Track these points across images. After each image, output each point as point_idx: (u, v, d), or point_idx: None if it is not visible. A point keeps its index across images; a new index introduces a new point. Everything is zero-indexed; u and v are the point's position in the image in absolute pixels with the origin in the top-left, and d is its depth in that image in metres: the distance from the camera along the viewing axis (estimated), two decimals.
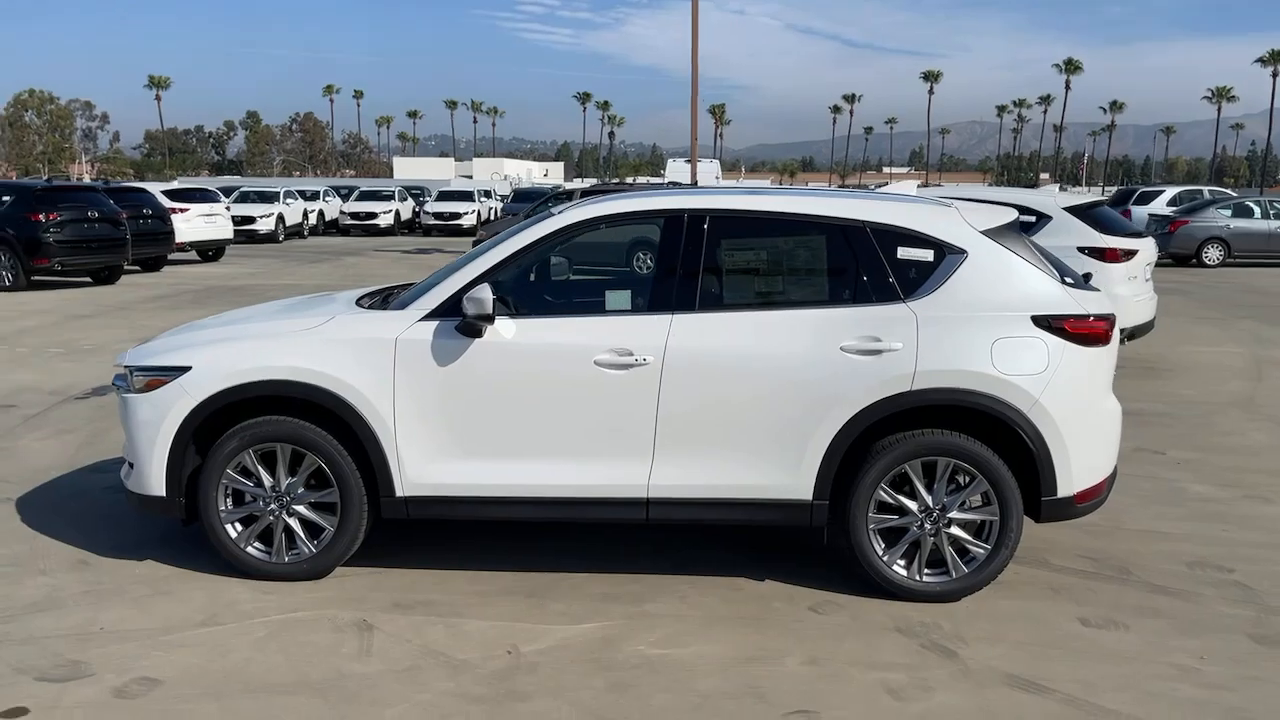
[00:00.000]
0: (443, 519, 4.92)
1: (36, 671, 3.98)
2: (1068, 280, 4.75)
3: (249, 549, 4.86)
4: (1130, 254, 9.84)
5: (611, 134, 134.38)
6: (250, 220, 29.50)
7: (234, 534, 4.86)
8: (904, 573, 4.69)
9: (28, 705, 3.73)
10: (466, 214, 35.16)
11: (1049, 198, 10.43)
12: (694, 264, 4.71)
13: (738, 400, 4.60)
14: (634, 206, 4.94)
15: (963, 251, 4.67)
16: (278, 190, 33.26)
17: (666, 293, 4.73)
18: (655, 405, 4.60)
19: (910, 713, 3.76)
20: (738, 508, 4.67)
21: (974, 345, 4.54)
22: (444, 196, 37.84)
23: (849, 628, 4.44)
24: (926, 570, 4.70)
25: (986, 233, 4.71)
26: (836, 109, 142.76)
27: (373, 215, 33.84)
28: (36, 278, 17.63)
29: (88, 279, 18.62)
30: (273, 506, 4.82)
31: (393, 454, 4.70)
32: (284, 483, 4.80)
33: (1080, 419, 4.61)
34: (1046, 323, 4.58)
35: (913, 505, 4.66)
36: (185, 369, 4.79)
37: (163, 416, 4.77)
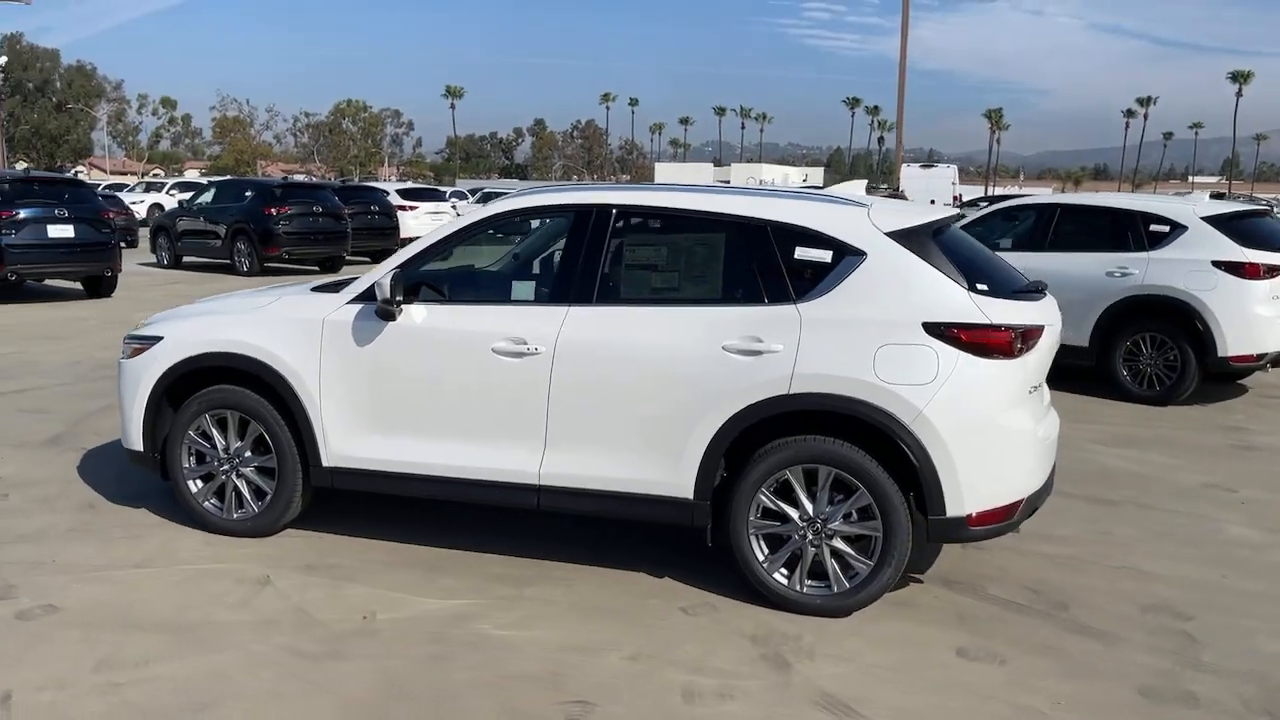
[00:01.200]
0: (365, 491, 5.22)
1: None
2: (979, 287, 4.44)
3: (206, 504, 5.38)
4: (1274, 270, 8.81)
5: (881, 139, 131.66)
6: None
7: (194, 489, 5.39)
8: (785, 582, 4.56)
9: None
10: None
11: (1188, 206, 9.50)
12: (596, 258, 4.78)
13: (623, 394, 4.63)
14: (547, 201, 5.06)
15: (861, 253, 4.48)
16: (500, 191, 35.08)
17: (567, 285, 4.82)
18: (547, 395, 4.71)
19: (687, 717, 3.70)
20: (624, 501, 4.69)
21: (856, 351, 4.36)
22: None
23: (703, 630, 4.38)
24: (809, 581, 4.55)
25: (893, 234, 4.49)
26: (1130, 113, 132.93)
27: None
28: (268, 264, 19.63)
29: (315, 267, 20.47)
30: (225, 467, 5.32)
31: (318, 426, 5.07)
32: (233, 446, 5.28)
33: (974, 436, 4.31)
34: (938, 330, 4.32)
35: (794, 513, 4.52)
36: (159, 339, 5.37)
37: (139, 380, 5.37)
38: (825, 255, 4.52)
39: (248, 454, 5.28)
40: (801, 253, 4.54)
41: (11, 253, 14.17)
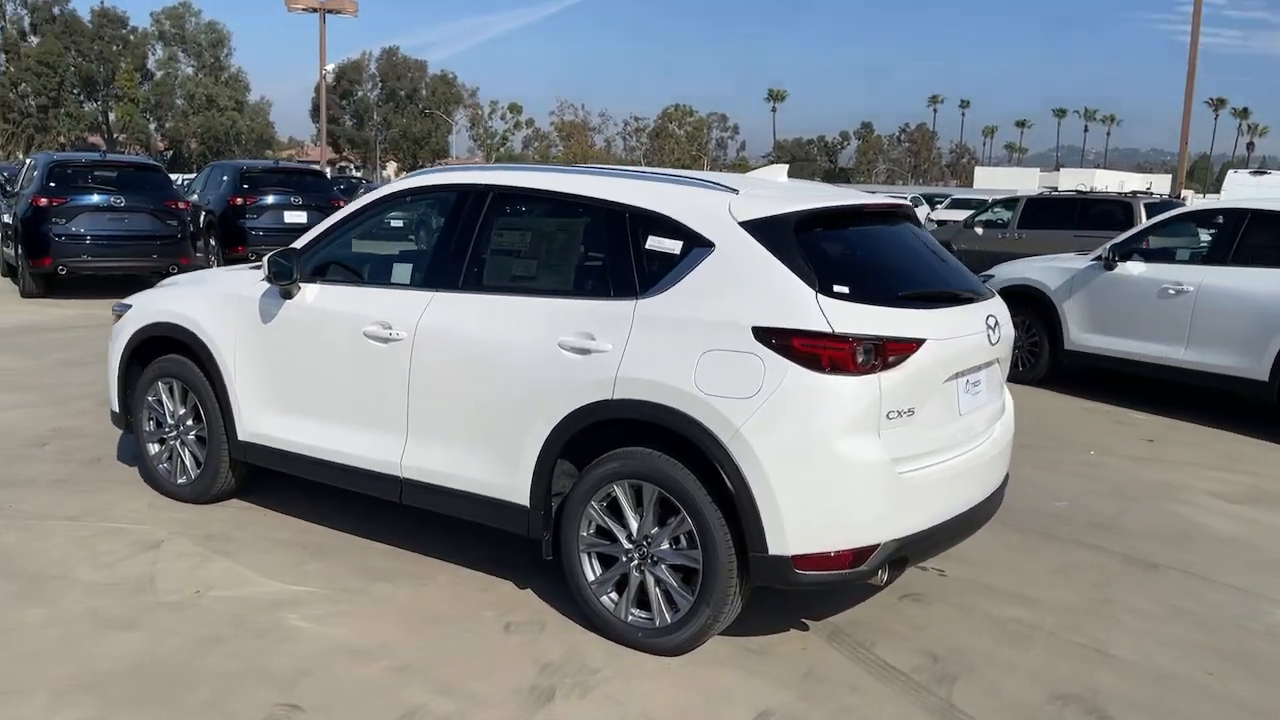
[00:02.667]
0: (268, 469, 5.24)
1: None
2: (837, 289, 3.74)
3: (160, 466, 5.62)
4: None
5: (1250, 144, 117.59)
6: None
7: (152, 452, 5.65)
8: (611, 607, 4.09)
9: None
10: None
11: None
12: (465, 241, 4.52)
13: (470, 387, 4.35)
14: (432, 180, 4.82)
15: (709, 245, 3.93)
16: None
17: (437, 269, 4.59)
18: (407, 383, 4.52)
19: None
20: (472, 503, 4.40)
21: (679, 355, 3.82)
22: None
23: (502, 650, 4.01)
24: (635, 611, 4.05)
25: (747, 224, 3.90)
26: None
27: None
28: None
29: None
30: (173, 433, 5.53)
31: (234, 399, 5.15)
32: (178, 414, 5.48)
33: (801, 463, 3.65)
34: (767, 336, 3.70)
35: (622, 533, 4.05)
36: (129, 307, 5.68)
37: (113, 345, 5.70)
38: (675, 246, 4.00)
39: (189, 422, 5.46)
40: (653, 242, 4.05)
41: (59, 245, 12.78)
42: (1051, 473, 6.78)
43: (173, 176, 17.51)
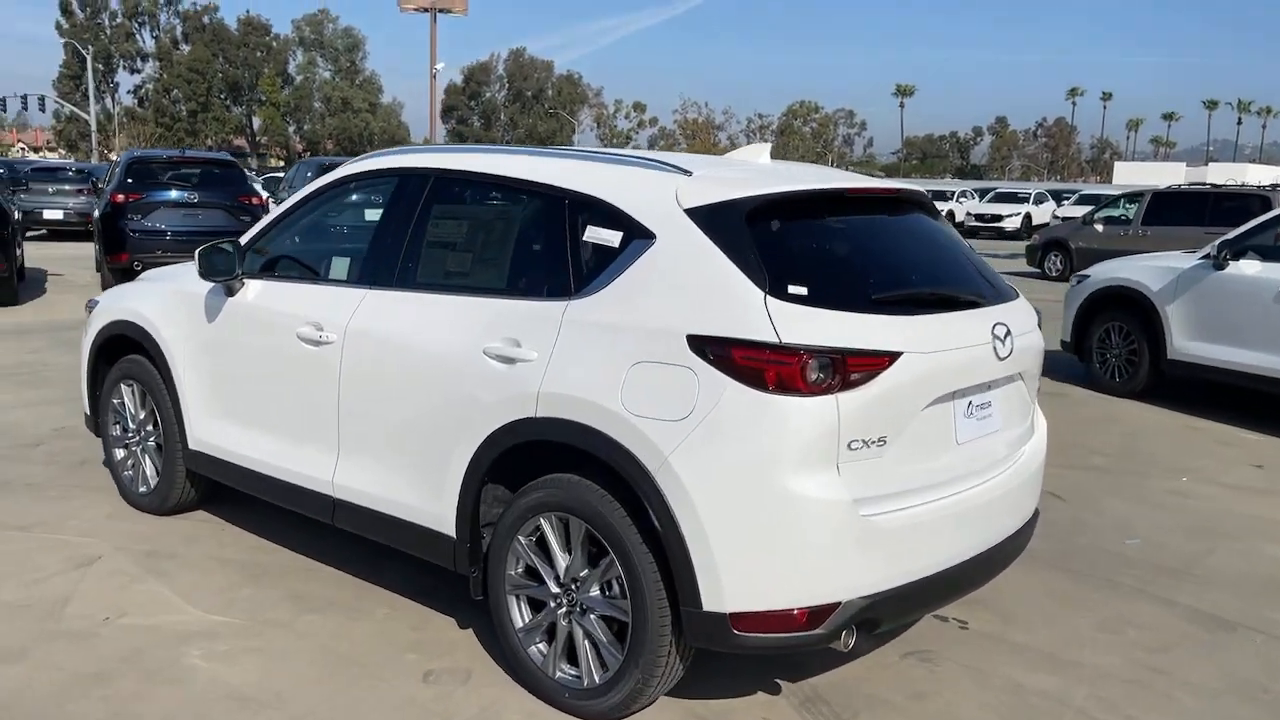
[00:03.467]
0: (216, 481, 4.81)
1: None
2: (794, 290, 3.06)
3: (124, 474, 5.27)
4: None
5: None
6: None
7: (117, 459, 5.31)
8: (539, 660, 3.50)
9: None
10: (1010, 216, 31.91)
11: None
12: (402, 232, 3.98)
13: (397, 398, 3.82)
14: (373, 165, 4.28)
15: (650, 236, 3.29)
16: None
17: (373, 264, 4.08)
18: (337, 391, 4.02)
19: None
20: (399, 530, 3.87)
21: (606, 366, 3.20)
22: (997, 198, 35.07)
23: (401, 704, 3.46)
24: (564, 666, 3.45)
25: (695, 211, 3.25)
26: None
27: (998, 218, 32.02)
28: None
29: None
30: (135, 439, 5.17)
31: (184, 404, 4.75)
32: (139, 418, 5.12)
33: (740, 501, 2.99)
34: (704, 347, 3.04)
35: (548, 574, 3.46)
36: (96, 303, 5.35)
37: (83, 343, 5.38)
38: (614, 237, 3.37)
39: (149, 428, 5.09)
40: (591, 233, 3.44)
41: (135, 240, 12.60)
42: (1130, 502, 5.88)
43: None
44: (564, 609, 3.41)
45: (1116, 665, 3.89)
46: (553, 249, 3.54)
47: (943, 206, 34.91)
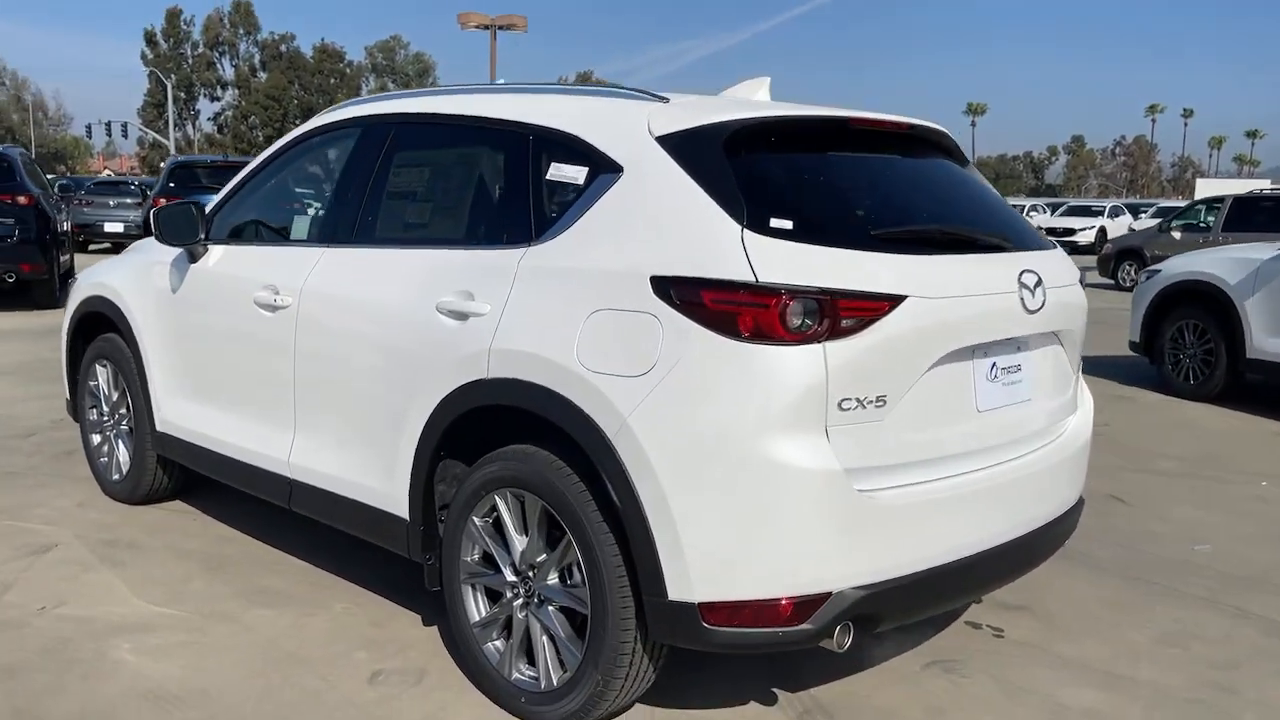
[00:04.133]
0: (185, 470, 4.46)
1: None
2: (777, 224, 2.58)
3: (99, 461, 4.95)
4: None
5: None
6: None
7: (93, 444, 4.99)
8: (495, 659, 3.05)
9: None
10: (1083, 230, 30.65)
11: None
12: (363, 185, 3.60)
13: (348, 363, 3.43)
14: (336, 116, 3.90)
15: (618, 169, 2.85)
16: None
17: (332, 220, 3.70)
18: (293, 359, 3.64)
19: None
20: (353, 512, 3.46)
21: (561, 317, 2.76)
22: (1070, 212, 33.68)
23: (353, 702, 3.03)
24: (522, 666, 3.00)
25: (667, 139, 2.80)
26: None
27: (1071, 231, 30.82)
28: None
29: None
30: (109, 423, 4.86)
31: (151, 382, 4.42)
32: (112, 400, 4.80)
33: (709, 470, 2.52)
34: (669, 289, 2.58)
35: (503, 558, 3.01)
36: (74, 281, 5.06)
37: (64, 323, 5.10)
38: (579, 174, 2.94)
39: (121, 410, 4.76)
40: (555, 171, 3.00)
41: None
42: (1201, 508, 5.25)
43: None
44: (520, 600, 2.96)
45: (1177, 683, 3.32)
46: (513, 193, 3.12)
47: None
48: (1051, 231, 31.64)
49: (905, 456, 2.64)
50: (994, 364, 2.88)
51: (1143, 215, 31.51)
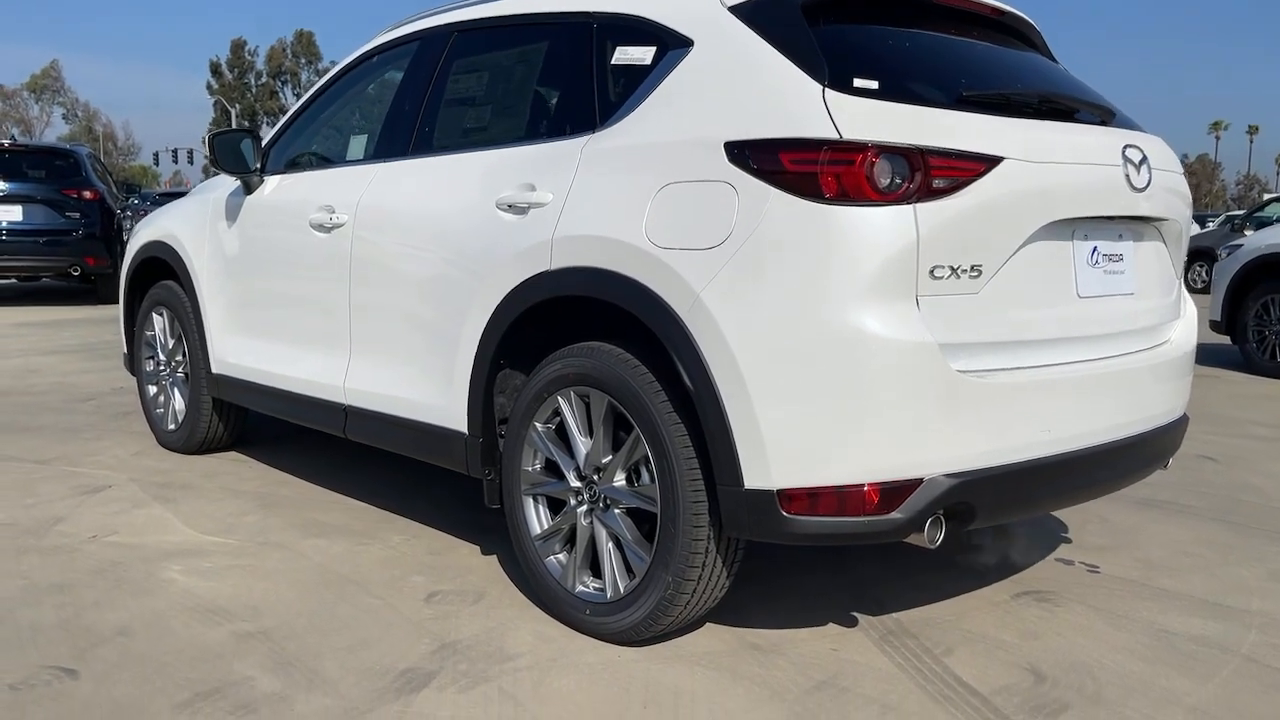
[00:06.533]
0: (244, 416, 4.37)
1: None
2: (861, 84, 2.41)
3: (155, 412, 4.88)
4: None
5: None
6: None
7: (149, 395, 4.93)
8: (558, 571, 2.89)
9: None
10: None
11: None
12: (420, 97, 3.49)
13: (403, 278, 3.31)
14: (395, 35, 3.78)
15: (687, 43, 2.69)
16: None
17: (389, 135, 3.59)
18: (349, 279, 3.53)
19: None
20: (410, 433, 3.32)
21: (628, 195, 2.60)
22: None
23: (408, 619, 2.88)
24: (586, 576, 2.83)
25: (740, 7, 2.63)
26: None
27: None
28: None
29: None
30: (165, 370, 4.79)
31: (207, 323, 4.34)
32: (168, 347, 4.73)
33: (789, 345, 2.33)
34: (745, 153, 2.41)
35: (566, 464, 2.85)
36: (134, 231, 5.02)
37: (122, 274, 5.06)
38: (646, 54, 2.79)
39: (178, 358, 4.69)
40: (620, 54, 2.86)
41: None
42: None
43: None
44: (584, 506, 2.79)
45: None
46: (576, 84, 2.97)
47: None
48: None
49: (1002, 335, 2.44)
50: (1095, 248, 2.67)
51: (1210, 224, 30.68)
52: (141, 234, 4.81)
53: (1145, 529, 3.83)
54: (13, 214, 11.08)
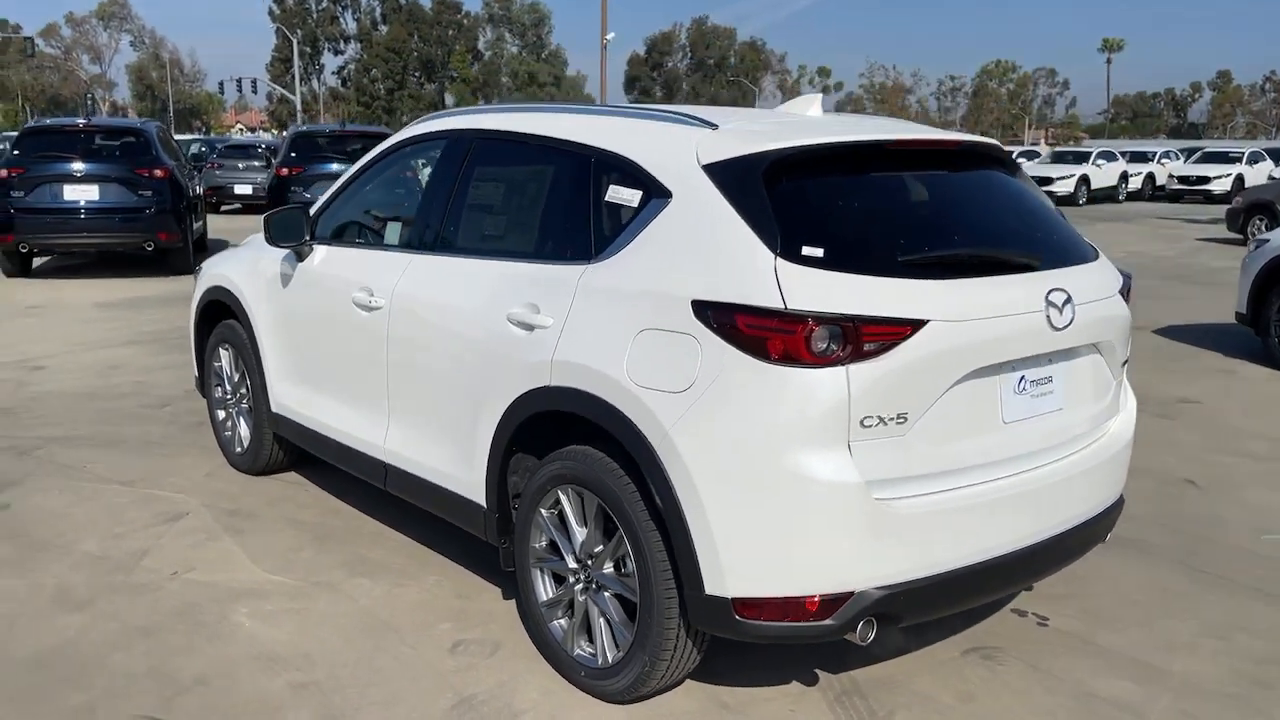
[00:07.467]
0: (297, 446, 4.91)
1: None
2: (809, 253, 2.80)
3: (224, 435, 5.47)
4: None
5: None
6: (1047, 181, 28.22)
7: (218, 420, 5.51)
8: (560, 636, 3.40)
9: None
10: (1218, 178, 28.80)
11: None
12: (446, 195, 3.93)
13: (434, 363, 3.78)
14: (424, 129, 4.21)
15: (668, 195, 3.10)
16: (1088, 151, 31.47)
17: (419, 228, 4.04)
18: (386, 355, 4.02)
19: None
20: (439, 496, 3.83)
21: (614, 333, 3.04)
22: (1205, 158, 31.43)
23: (436, 670, 3.41)
24: (582, 643, 3.34)
25: (712, 167, 3.03)
26: None
27: (1204, 180, 29.41)
28: None
29: None
30: (232, 401, 5.36)
31: (266, 367, 4.87)
32: (234, 379, 5.29)
33: (741, 479, 2.78)
34: (708, 313, 2.83)
35: (566, 548, 3.34)
36: (200, 270, 5.55)
37: (191, 308, 5.60)
38: (634, 197, 3.19)
39: (242, 390, 5.25)
40: (612, 193, 3.27)
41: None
42: None
43: None
44: (580, 585, 3.28)
45: (1213, 676, 3.46)
46: (576, 210, 3.39)
47: (1141, 168, 32.56)
48: (1184, 181, 30.37)
49: (928, 468, 2.85)
50: (1022, 377, 3.04)
51: None
52: (207, 276, 5.34)
53: (1102, 573, 4.21)
54: (91, 193, 11.78)
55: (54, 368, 7.78)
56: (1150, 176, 32.35)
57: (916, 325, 2.74)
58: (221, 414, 5.45)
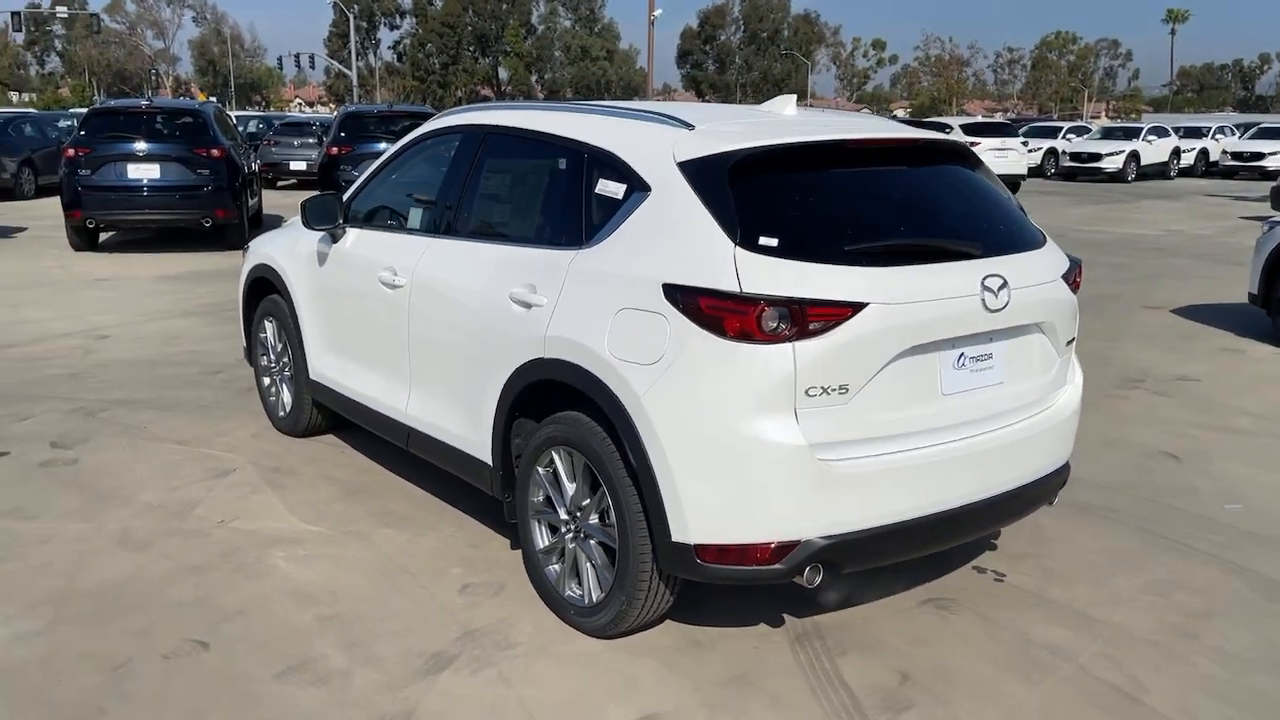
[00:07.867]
0: (332, 409, 5.39)
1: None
2: (765, 242, 3.18)
3: (269, 400, 5.99)
4: None
5: None
6: (1096, 158, 28.05)
7: (263, 386, 6.03)
8: (554, 577, 3.84)
9: None
10: (1273, 154, 28.21)
11: None
12: (460, 185, 4.36)
13: (447, 336, 4.23)
14: (444, 123, 4.65)
15: (647, 189, 3.50)
16: (1139, 126, 31.13)
17: (437, 214, 4.48)
18: (408, 329, 4.47)
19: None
20: (452, 456, 4.29)
21: (597, 312, 3.45)
22: (1261, 134, 30.58)
23: (445, 608, 3.87)
24: (572, 585, 3.78)
25: (685, 165, 3.42)
26: None
27: (1259, 156, 28.98)
28: None
29: None
30: (275, 369, 5.86)
31: (305, 338, 5.36)
32: (277, 349, 5.79)
33: (701, 441, 3.19)
34: (674, 295, 3.23)
35: (559, 501, 3.78)
36: (247, 248, 6.06)
37: (240, 283, 6.12)
38: (619, 190, 3.60)
39: (285, 359, 5.75)
40: (600, 186, 3.68)
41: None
42: (1256, 466, 5.54)
43: None
44: (570, 534, 3.71)
45: (1143, 626, 3.81)
46: (571, 201, 3.80)
47: (1195, 144, 32.12)
48: (1238, 157, 29.93)
49: (868, 433, 3.23)
50: (961, 354, 3.41)
51: None
52: (253, 255, 5.84)
53: (1067, 537, 4.56)
54: (152, 172, 12.42)
55: (118, 336, 8.39)
56: (1204, 152, 31.94)
57: (857, 307, 3.12)
58: (266, 381, 5.96)
